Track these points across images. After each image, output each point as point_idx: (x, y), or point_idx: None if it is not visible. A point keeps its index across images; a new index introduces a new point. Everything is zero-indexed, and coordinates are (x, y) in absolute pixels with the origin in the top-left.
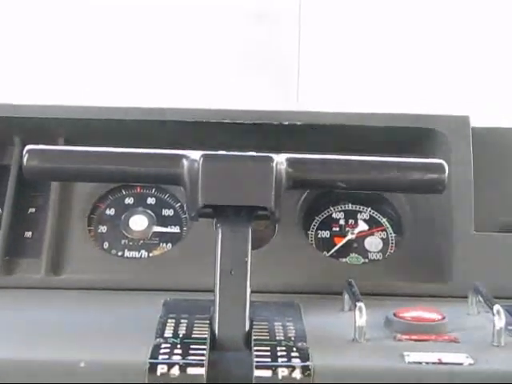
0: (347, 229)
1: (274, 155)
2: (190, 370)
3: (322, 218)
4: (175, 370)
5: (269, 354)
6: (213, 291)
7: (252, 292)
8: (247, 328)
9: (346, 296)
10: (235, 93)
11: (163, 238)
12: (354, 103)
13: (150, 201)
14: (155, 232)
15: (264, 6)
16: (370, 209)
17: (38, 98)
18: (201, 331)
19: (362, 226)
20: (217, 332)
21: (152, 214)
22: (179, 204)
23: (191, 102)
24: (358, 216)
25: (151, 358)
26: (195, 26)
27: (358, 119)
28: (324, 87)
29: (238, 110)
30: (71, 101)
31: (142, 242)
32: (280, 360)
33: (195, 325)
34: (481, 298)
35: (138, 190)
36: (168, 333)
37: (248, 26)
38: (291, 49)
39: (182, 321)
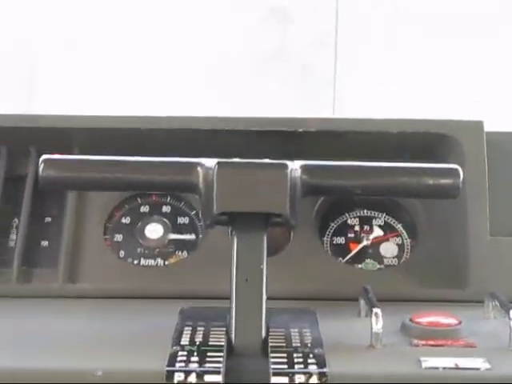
0: (362, 235)
1: (288, 162)
2: (207, 378)
3: (337, 224)
4: (192, 378)
5: (285, 360)
6: (229, 298)
7: (268, 299)
8: (264, 335)
9: (362, 302)
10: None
11: (179, 245)
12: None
13: (166, 209)
14: (171, 240)
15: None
16: (384, 214)
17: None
18: (217, 339)
19: (377, 232)
20: (233, 339)
21: (167, 222)
22: (194, 212)
23: (206, 111)
24: (373, 222)
25: (168, 365)
26: (208, 29)
27: (371, 125)
28: (359, 95)
29: (251, 117)
30: (86, 111)
31: (157, 250)
32: (297, 367)
33: (212, 332)
34: (497, 303)
35: (154, 198)
36: (184, 340)
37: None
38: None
39: (199, 328)
